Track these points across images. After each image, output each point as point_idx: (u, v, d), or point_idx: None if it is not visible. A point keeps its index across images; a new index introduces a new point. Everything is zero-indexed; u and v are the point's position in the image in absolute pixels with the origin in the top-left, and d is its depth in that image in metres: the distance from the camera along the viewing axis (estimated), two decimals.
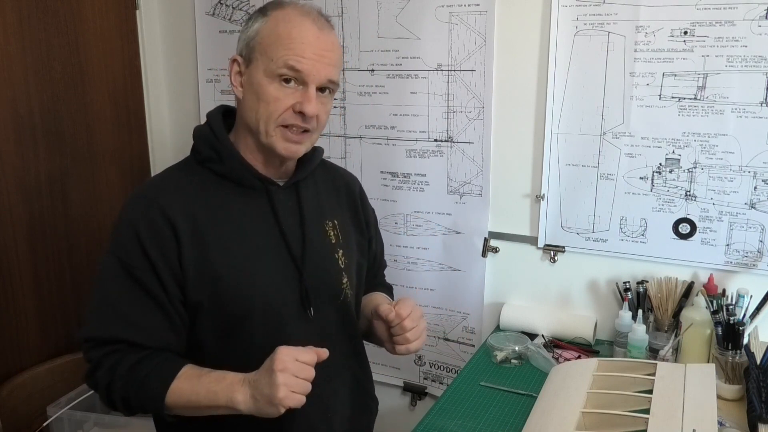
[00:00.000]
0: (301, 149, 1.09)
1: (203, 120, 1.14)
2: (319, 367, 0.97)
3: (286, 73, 1.02)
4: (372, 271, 1.36)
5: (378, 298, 1.29)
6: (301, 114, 1.03)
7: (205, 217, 1.05)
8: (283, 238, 1.10)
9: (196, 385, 0.98)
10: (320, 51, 1.03)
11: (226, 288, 1.04)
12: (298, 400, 0.93)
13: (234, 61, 1.08)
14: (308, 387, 0.94)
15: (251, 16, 1.08)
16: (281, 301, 1.09)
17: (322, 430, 1.15)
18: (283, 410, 0.93)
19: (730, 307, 1.35)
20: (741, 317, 1.36)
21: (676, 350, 1.47)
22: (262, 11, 1.07)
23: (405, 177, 1.87)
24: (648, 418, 1.10)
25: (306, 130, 1.06)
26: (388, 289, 1.42)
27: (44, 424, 1.70)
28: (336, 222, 1.20)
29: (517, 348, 1.58)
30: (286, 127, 1.05)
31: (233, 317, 1.06)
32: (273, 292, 1.08)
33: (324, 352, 0.97)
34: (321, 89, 1.06)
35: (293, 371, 0.92)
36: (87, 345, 1.03)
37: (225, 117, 1.13)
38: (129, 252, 1.01)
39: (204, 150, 1.09)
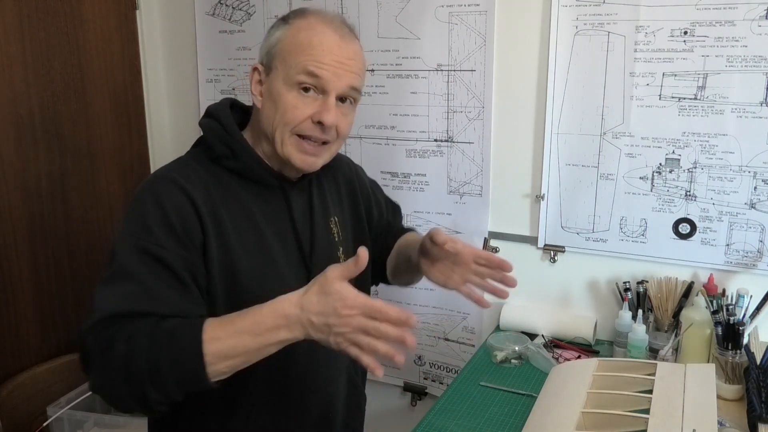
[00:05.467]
0: (319, 162, 1.06)
1: None
2: (323, 368, 0.93)
3: (304, 80, 0.98)
4: (394, 230, 1.35)
5: (413, 236, 1.31)
6: (320, 124, 1.00)
7: (224, 212, 1.01)
8: (296, 237, 1.09)
9: (233, 321, 0.87)
10: (341, 58, 1.00)
11: (241, 284, 1.01)
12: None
13: (255, 69, 1.05)
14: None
15: (273, 25, 1.06)
16: None
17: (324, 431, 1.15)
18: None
19: (730, 307, 1.35)
20: (741, 317, 1.36)
21: (676, 350, 1.47)
22: (284, 20, 1.04)
23: (405, 177, 1.87)
24: (648, 418, 1.10)
25: (325, 142, 1.03)
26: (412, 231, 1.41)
27: (44, 424, 1.70)
28: (337, 219, 1.20)
29: (517, 348, 1.58)
30: (302, 137, 1.01)
31: None
32: (283, 292, 1.07)
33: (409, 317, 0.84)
34: (342, 99, 1.03)
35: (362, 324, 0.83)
36: (97, 327, 0.88)
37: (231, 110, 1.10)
38: (155, 232, 0.94)
39: (218, 147, 1.05)
